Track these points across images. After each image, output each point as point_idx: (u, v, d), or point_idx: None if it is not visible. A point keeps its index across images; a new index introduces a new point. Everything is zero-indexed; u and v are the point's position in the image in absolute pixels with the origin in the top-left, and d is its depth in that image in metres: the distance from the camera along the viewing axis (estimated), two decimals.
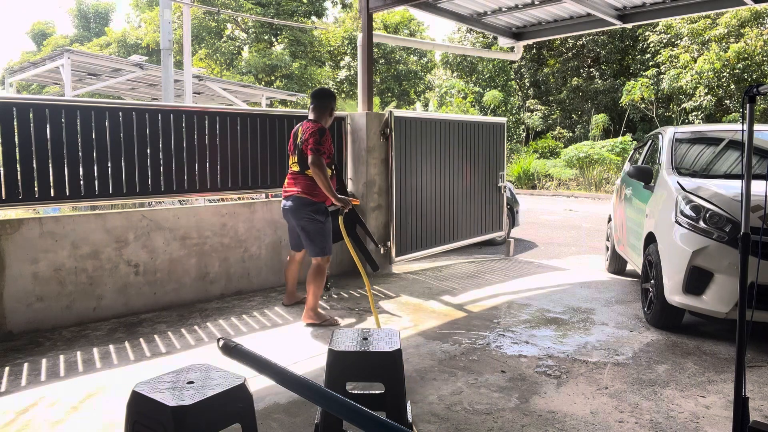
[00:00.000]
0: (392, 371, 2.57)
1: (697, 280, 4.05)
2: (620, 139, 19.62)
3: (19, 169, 4.30)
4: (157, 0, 23.77)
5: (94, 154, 4.64)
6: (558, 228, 10.95)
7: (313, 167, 4.26)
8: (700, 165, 5.05)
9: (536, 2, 7.05)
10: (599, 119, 21.54)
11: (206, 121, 5.27)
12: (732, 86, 18.86)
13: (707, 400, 3.23)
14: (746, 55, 18.40)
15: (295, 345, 4.13)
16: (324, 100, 4.58)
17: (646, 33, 21.88)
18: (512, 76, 24.98)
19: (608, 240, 6.95)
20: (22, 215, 5.07)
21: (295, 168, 4.53)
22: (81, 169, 4.59)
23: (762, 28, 19.20)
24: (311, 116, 4.55)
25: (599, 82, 23.42)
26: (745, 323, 2.39)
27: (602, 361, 3.82)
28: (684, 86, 19.36)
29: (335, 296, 5.44)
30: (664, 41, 21.20)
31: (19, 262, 4.28)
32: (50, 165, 4.43)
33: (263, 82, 24.69)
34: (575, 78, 23.78)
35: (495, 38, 9.11)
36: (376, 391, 2.74)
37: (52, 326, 4.44)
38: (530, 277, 6.43)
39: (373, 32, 6.57)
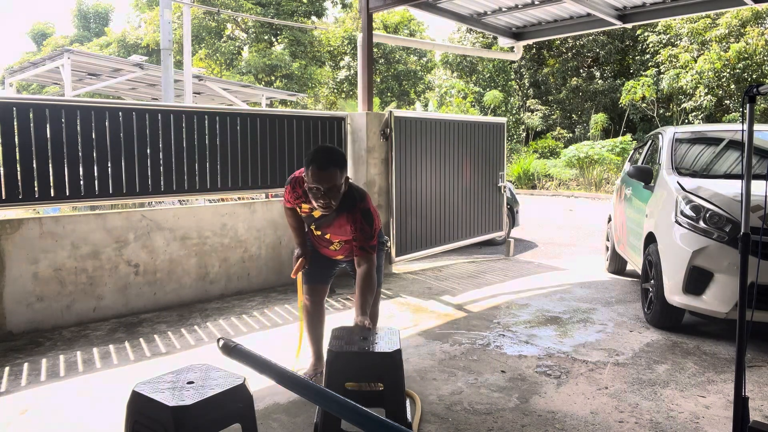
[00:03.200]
0: (392, 372, 2.57)
1: (697, 280, 4.05)
2: (620, 139, 19.61)
3: (19, 169, 4.30)
4: (157, 0, 23.76)
5: (94, 154, 4.64)
6: (558, 228, 10.95)
7: None
8: (700, 165, 5.05)
9: (536, 2, 7.05)
10: (598, 119, 21.53)
11: (206, 121, 5.27)
12: (732, 86, 18.85)
13: (707, 400, 3.23)
14: (746, 55, 18.39)
15: (295, 345, 4.12)
16: None
17: (646, 33, 21.87)
18: (512, 76, 24.97)
19: (608, 240, 6.95)
20: (22, 215, 5.07)
21: None
22: (81, 169, 4.59)
23: (762, 27, 19.20)
24: None
25: (599, 82, 23.42)
26: (745, 323, 2.39)
27: (602, 361, 3.82)
28: (684, 86, 19.36)
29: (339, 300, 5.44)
30: (664, 41, 21.20)
31: (19, 262, 4.28)
32: (50, 165, 4.44)
33: (263, 82, 24.68)
34: (575, 78, 23.78)
35: (495, 38, 9.11)
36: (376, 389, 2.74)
37: (52, 326, 4.45)
38: (530, 277, 6.42)
39: (373, 32, 6.57)
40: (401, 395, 2.63)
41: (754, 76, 18.33)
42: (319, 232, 3.30)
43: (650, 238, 4.75)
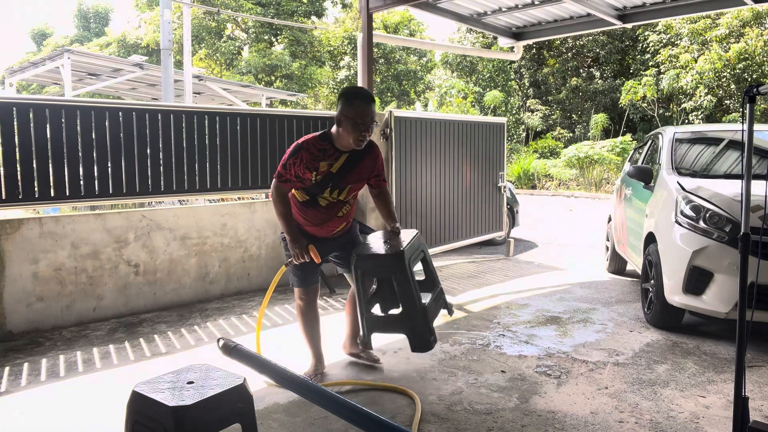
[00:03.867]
0: (398, 268, 3.16)
1: (697, 280, 4.05)
2: (620, 139, 19.60)
3: (19, 169, 4.30)
4: (157, 0, 23.75)
5: (94, 154, 4.64)
6: (558, 228, 10.95)
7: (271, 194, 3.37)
8: (700, 165, 5.05)
9: (536, 2, 7.05)
10: (599, 119, 21.53)
11: (206, 121, 5.27)
12: (732, 86, 18.84)
13: (707, 400, 3.23)
14: (747, 55, 18.39)
15: (295, 345, 4.13)
16: (338, 106, 3.24)
17: (646, 33, 21.87)
18: (512, 76, 24.97)
19: (608, 240, 6.95)
20: (22, 215, 5.07)
21: None
22: (81, 169, 4.59)
23: (762, 28, 19.19)
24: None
25: (599, 82, 23.41)
26: (745, 323, 2.39)
27: (602, 361, 3.82)
28: (684, 86, 19.35)
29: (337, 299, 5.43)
30: (664, 41, 21.19)
31: (19, 262, 4.28)
32: (50, 165, 4.44)
33: (263, 82, 24.66)
34: (575, 78, 23.77)
35: (495, 38, 9.11)
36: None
37: (52, 326, 4.45)
38: (530, 277, 6.42)
39: (373, 32, 6.57)
40: (409, 284, 3.15)
41: (754, 76, 18.32)
42: (333, 196, 3.30)
43: (650, 238, 4.75)
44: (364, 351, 3.74)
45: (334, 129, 3.24)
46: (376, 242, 3.41)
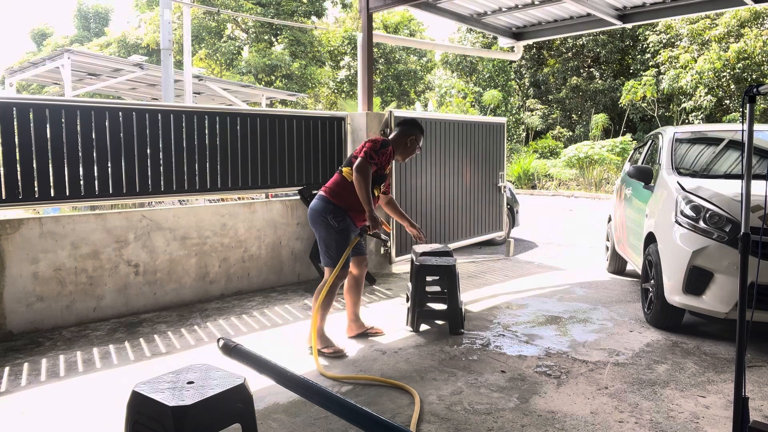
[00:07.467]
0: (449, 273, 4.39)
1: (697, 280, 4.04)
2: (620, 139, 19.61)
3: (19, 169, 4.30)
4: (157, 0, 23.72)
5: (94, 154, 4.64)
6: (558, 228, 10.95)
7: (355, 171, 3.77)
8: (700, 165, 5.05)
9: (536, 2, 7.05)
10: (599, 119, 21.53)
11: (206, 121, 5.27)
12: (732, 86, 18.84)
13: (707, 400, 3.23)
14: (746, 55, 18.39)
15: (295, 345, 4.13)
16: (407, 126, 4.18)
17: (646, 33, 21.87)
18: (512, 76, 24.97)
19: (608, 240, 6.95)
20: (22, 215, 5.07)
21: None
22: (81, 169, 4.59)
23: (762, 28, 19.19)
24: (390, 136, 4.25)
25: (599, 81, 23.41)
26: (745, 323, 2.39)
27: (602, 361, 3.82)
28: (684, 86, 19.35)
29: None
30: (664, 41, 21.19)
31: (19, 262, 4.28)
32: (50, 165, 4.44)
33: (263, 82, 24.65)
34: (575, 78, 23.77)
35: (495, 38, 9.12)
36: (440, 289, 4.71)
37: (52, 326, 4.45)
38: (530, 277, 6.42)
39: (373, 32, 6.57)
40: (455, 289, 4.34)
41: (753, 76, 18.32)
42: (379, 189, 4.09)
43: (650, 238, 4.75)
44: (369, 329, 4.31)
45: (394, 139, 4.12)
46: (430, 254, 4.70)
